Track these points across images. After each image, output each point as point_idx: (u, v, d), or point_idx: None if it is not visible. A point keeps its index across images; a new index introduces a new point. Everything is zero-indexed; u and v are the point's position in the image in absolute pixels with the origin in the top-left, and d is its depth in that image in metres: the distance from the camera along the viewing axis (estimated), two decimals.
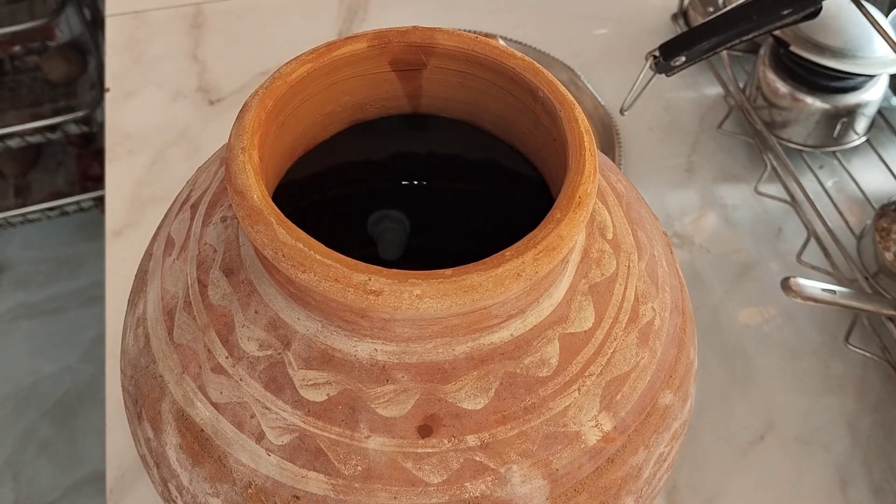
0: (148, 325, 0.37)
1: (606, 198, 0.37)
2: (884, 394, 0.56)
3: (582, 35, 0.81)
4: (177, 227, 0.38)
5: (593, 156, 0.31)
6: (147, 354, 0.36)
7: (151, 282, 0.38)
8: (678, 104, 0.74)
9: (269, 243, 0.28)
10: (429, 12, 0.82)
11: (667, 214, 0.66)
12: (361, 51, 0.34)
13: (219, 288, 0.34)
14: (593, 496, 0.31)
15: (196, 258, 0.35)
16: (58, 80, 1.43)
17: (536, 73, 0.33)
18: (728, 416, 0.55)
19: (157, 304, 0.37)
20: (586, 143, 0.31)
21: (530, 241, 0.27)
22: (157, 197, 0.67)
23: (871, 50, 0.61)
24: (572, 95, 0.33)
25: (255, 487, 0.32)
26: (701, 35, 0.57)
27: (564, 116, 0.32)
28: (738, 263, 0.63)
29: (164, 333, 0.35)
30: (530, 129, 0.35)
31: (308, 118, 0.35)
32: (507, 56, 0.34)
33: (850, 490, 0.52)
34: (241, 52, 0.79)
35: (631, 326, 0.33)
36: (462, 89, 0.36)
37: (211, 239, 0.35)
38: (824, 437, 0.54)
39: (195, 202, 0.39)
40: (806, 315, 0.60)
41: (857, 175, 0.67)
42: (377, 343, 0.30)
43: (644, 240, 0.37)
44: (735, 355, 0.58)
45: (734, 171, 0.69)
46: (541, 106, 0.33)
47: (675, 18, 0.80)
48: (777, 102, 0.66)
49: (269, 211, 0.29)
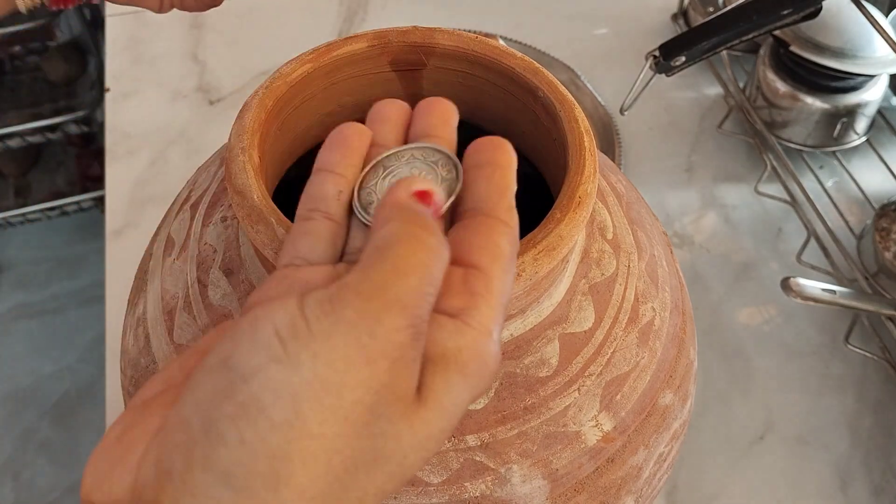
0: (148, 325, 0.37)
1: (606, 198, 0.37)
2: (884, 394, 0.56)
3: (582, 35, 0.81)
4: (177, 227, 0.38)
5: (593, 156, 0.31)
6: (147, 354, 0.36)
7: (151, 282, 0.38)
8: (678, 104, 0.74)
9: (269, 243, 0.28)
10: (429, 12, 0.82)
11: (667, 214, 0.66)
12: (361, 51, 0.34)
13: (219, 288, 0.34)
14: (593, 496, 0.31)
15: (196, 258, 0.35)
16: (58, 80, 1.43)
17: (536, 73, 0.33)
18: (728, 416, 0.55)
19: (158, 304, 0.36)
20: (586, 143, 0.31)
21: (530, 241, 0.27)
22: (156, 197, 0.67)
23: (871, 50, 0.61)
24: (572, 95, 0.33)
25: None
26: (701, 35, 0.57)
27: (564, 116, 0.32)
28: (738, 263, 0.63)
29: (164, 333, 0.35)
30: (530, 129, 0.35)
31: (308, 118, 0.35)
32: (507, 56, 0.34)
33: (849, 490, 0.52)
34: (241, 52, 0.79)
35: (631, 326, 0.33)
36: (462, 89, 0.36)
37: (211, 239, 0.35)
38: (824, 437, 0.54)
39: (195, 202, 0.39)
40: (806, 315, 0.60)
41: (857, 175, 0.67)
42: None
43: (644, 240, 0.37)
44: (735, 355, 0.58)
45: (734, 171, 0.69)
46: (541, 106, 0.33)
47: (675, 18, 0.80)
48: (777, 102, 0.66)
49: (269, 211, 0.29)
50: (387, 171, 0.25)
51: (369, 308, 0.18)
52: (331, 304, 0.18)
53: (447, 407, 0.19)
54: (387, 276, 0.18)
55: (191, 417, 0.18)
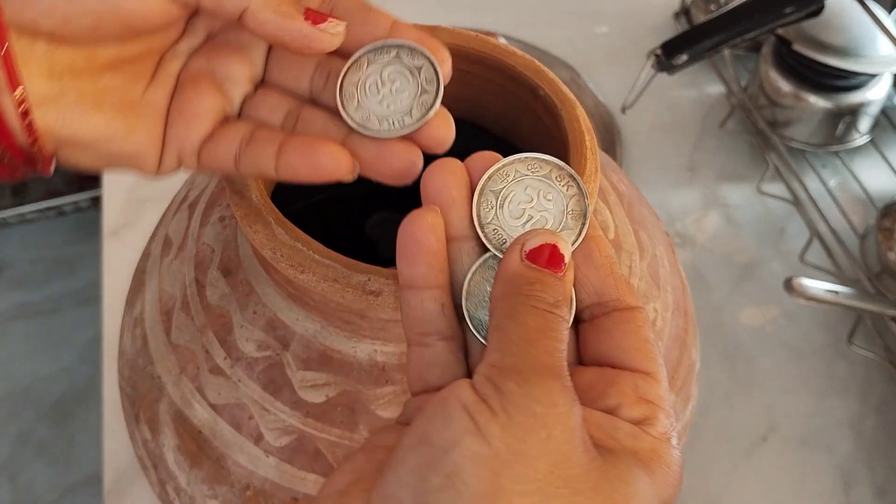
0: (146, 325, 0.36)
1: (608, 197, 0.37)
2: (887, 394, 0.56)
3: (583, 33, 0.81)
4: (174, 227, 0.38)
5: (595, 155, 0.30)
6: (145, 355, 0.36)
7: (149, 282, 0.38)
8: (680, 103, 0.74)
9: (267, 243, 0.28)
10: (429, 11, 0.82)
11: (669, 214, 0.66)
12: None
13: (217, 288, 0.33)
14: None
15: (194, 258, 0.35)
16: None
17: (537, 72, 0.33)
18: (730, 417, 0.54)
19: (155, 304, 0.36)
20: (587, 143, 0.30)
21: None
22: (154, 196, 0.67)
23: (875, 48, 0.61)
24: (573, 94, 0.33)
25: (253, 489, 0.31)
26: (703, 33, 0.57)
27: (566, 115, 0.31)
28: (740, 263, 0.63)
29: (161, 334, 0.35)
30: (531, 127, 0.35)
31: None
32: (508, 54, 0.33)
33: (853, 492, 0.52)
34: None
35: None
36: (463, 88, 0.36)
37: (209, 239, 0.35)
38: (827, 439, 0.54)
39: (193, 202, 0.38)
40: (809, 315, 0.60)
41: (860, 174, 0.66)
42: (377, 344, 0.30)
43: (646, 240, 0.37)
44: (737, 356, 0.57)
45: (736, 171, 0.69)
46: (542, 105, 0.33)
47: (677, 17, 0.80)
48: (780, 101, 0.66)
49: (267, 210, 0.28)
50: (500, 196, 0.23)
51: (522, 379, 0.19)
52: (493, 383, 0.19)
53: (633, 498, 0.19)
54: (520, 346, 0.20)
55: (399, 492, 0.18)
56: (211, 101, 0.25)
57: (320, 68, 0.26)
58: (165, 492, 0.34)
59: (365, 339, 0.30)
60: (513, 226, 0.23)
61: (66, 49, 0.23)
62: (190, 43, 0.26)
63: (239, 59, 0.26)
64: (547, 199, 0.23)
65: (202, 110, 0.25)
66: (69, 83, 0.23)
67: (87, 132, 0.23)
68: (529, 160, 0.24)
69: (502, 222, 0.23)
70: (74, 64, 0.23)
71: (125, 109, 0.24)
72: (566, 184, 0.23)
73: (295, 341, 0.31)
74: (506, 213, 0.23)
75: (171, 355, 0.34)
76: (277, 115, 0.26)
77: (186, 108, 0.25)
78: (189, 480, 0.33)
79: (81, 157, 0.24)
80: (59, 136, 0.23)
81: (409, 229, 0.22)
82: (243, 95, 0.26)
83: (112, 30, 0.23)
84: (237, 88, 0.26)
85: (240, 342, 0.32)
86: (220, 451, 0.32)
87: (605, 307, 0.22)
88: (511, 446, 0.18)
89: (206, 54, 0.26)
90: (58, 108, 0.23)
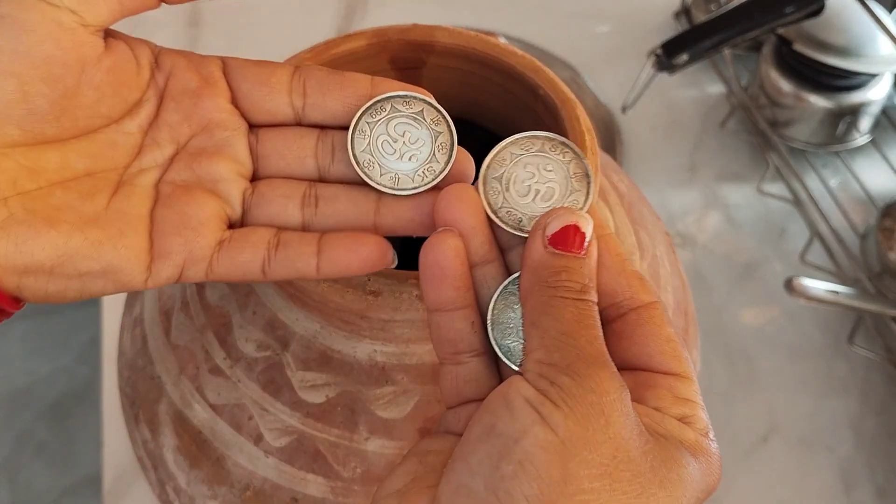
0: (145, 325, 0.36)
1: (608, 197, 0.37)
2: (888, 395, 0.56)
3: (583, 33, 0.80)
4: None
5: (595, 155, 0.30)
6: (144, 355, 0.36)
7: None
8: (680, 103, 0.74)
9: None
10: (429, 10, 0.82)
11: (669, 214, 0.66)
12: (361, 48, 0.33)
13: (216, 288, 0.33)
14: None
15: None
16: None
17: (537, 71, 0.33)
18: (731, 418, 0.54)
19: (155, 304, 0.36)
20: (588, 142, 0.30)
21: None
22: None
23: (875, 48, 0.61)
24: (573, 94, 0.33)
25: (253, 490, 0.31)
26: (703, 33, 0.57)
27: (566, 115, 0.31)
28: (740, 264, 0.63)
29: (161, 334, 0.35)
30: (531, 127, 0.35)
31: None
32: (508, 54, 0.33)
33: (854, 492, 0.52)
34: (240, 49, 0.78)
35: None
36: (462, 87, 0.36)
37: None
38: (828, 439, 0.54)
39: None
40: (809, 316, 0.59)
41: (860, 174, 0.66)
42: (377, 344, 0.30)
43: (646, 240, 0.37)
44: (738, 356, 0.57)
45: (737, 171, 0.69)
46: (542, 104, 0.33)
47: (678, 16, 0.80)
48: (780, 101, 0.66)
49: None
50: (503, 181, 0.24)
51: (573, 372, 0.20)
52: (547, 379, 0.20)
53: (686, 481, 0.20)
54: (562, 340, 0.20)
55: (471, 482, 0.19)
56: (211, 208, 0.24)
57: (321, 143, 0.26)
58: (165, 492, 0.34)
59: (365, 340, 0.30)
60: (523, 204, 0.23)
61: (8, 162, 0.22)
62: (155, 156, 0.25)
63: (221, 160, 0.25)
64: (547, 170, 0.24)
65: (205, 218, 0.24)
66: (15, 204, 0.21)
67: (44, 253, 0.21)
68: (521, 140, 0.24)
69: (513, 203, 0.23)
70: (18, 181, 0.22)
71: (85, 224, 0.22)
72: (561, 151, 0.24)
73: (295, 341, 0.31)
74: (513, 194, 0.24)
75: (170, 355, 0.34)
76: (294, 201, 0.25)
77: (186, 217, 0.24)
78: (189, 481, 0.33)
79: (48, 285, 0.22)
80: (15, 264, 0.21)
81: (432, 255, 0.22)
82: (241, 193, 0.25)
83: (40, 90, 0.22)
84: (232, 187, 0.25)
85: (239, 342, 0.32)
86: (220, 452, 0.32)
87: (620, 308, 0.22)
88: (576, 434, 0.19)
89: (186, 164, 0.25)
90: (7, 233, 0.21)
